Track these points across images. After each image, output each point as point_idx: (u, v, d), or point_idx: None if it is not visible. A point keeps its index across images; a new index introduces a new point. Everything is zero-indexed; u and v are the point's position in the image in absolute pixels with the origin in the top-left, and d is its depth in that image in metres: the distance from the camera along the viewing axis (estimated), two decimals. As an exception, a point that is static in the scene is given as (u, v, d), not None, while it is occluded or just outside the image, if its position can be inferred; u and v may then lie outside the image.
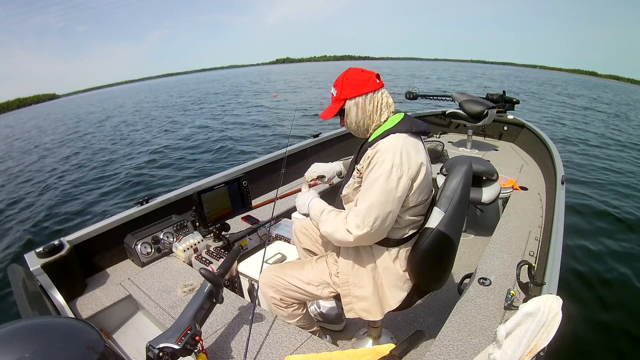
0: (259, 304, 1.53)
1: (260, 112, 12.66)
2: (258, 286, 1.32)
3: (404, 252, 1.18)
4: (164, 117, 13.87)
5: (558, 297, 0.92)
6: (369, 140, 1.14)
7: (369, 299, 1.18)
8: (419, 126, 1.13)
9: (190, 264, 1.75)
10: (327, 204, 1.21)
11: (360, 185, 1.11)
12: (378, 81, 1.12)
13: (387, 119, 1.14)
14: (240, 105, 15.80)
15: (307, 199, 1.24)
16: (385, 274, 1.17)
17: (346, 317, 1.24)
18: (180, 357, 0.94)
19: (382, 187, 1.02)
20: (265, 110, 13.30)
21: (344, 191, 1.18)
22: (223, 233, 1.90)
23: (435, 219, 1.12)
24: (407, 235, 1.16)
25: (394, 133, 1.08)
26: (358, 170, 1.12)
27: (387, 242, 1.15)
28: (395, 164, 1.02)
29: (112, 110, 21.38)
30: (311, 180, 1.45)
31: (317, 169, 1.47)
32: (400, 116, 1.15)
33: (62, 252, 1.50)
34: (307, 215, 1.24)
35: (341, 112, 1.16)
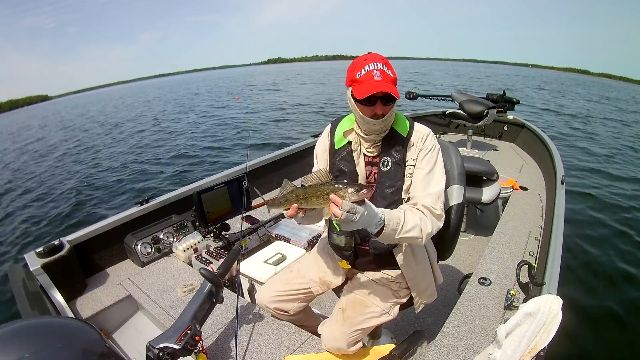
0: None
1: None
2: (254, 284, 1.29)
3: None
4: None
5: (558, 297, 0.92)
6: (399, 131, 1.07)
7: (429, 283, 1.22)
8: None
9: (190, 264, 1.75)
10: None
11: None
12: None
13: None
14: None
15: (374, 210, 0.88)
16: (430, 249, 1.23)
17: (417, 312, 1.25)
18: (180, 357, 0.94)
19: (442, 171, 1.08)
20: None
21: (411, 193, 1.07)
22: (223, 233, 1.90)
23: (458, 194, 1.23)
24: None
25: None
26: (411, 166, 1.06)
27: None
28: (439, 147, 1.11)
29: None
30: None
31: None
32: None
33: (62, 252, 1.50)
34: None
35: (391, 97, 0.99)
